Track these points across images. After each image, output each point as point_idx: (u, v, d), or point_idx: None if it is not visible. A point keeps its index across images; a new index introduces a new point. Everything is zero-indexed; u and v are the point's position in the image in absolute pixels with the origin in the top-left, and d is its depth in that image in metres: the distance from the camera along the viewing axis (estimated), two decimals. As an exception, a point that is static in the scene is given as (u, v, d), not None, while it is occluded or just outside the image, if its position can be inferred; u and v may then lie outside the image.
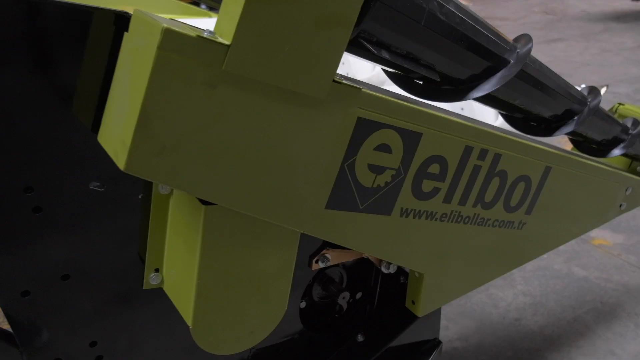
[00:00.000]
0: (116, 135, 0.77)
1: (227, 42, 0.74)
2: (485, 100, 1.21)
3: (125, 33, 0.79)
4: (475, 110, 1.95)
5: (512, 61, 1.13)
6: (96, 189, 0.89)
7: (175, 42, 0.70)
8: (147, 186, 0.93)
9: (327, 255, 1.22)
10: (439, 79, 1.04)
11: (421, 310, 1.29)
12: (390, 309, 1.41)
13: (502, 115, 1.38)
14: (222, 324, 0.95)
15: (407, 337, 1.41)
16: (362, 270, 1.38)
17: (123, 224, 0.95)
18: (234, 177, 0.83)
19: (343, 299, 1.33)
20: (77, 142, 0.85)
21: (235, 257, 0.92)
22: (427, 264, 1.23)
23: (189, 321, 0.92)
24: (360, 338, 1.40)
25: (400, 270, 1.44)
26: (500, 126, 1.43)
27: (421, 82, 1.14)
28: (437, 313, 1.46)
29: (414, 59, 1.01)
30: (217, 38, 0.74)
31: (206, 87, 0.75)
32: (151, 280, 0.99)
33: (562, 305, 2.30)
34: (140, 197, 0.94)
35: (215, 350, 0.97)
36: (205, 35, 0.73)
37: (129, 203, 0.93)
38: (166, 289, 1.00)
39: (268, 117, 0.82)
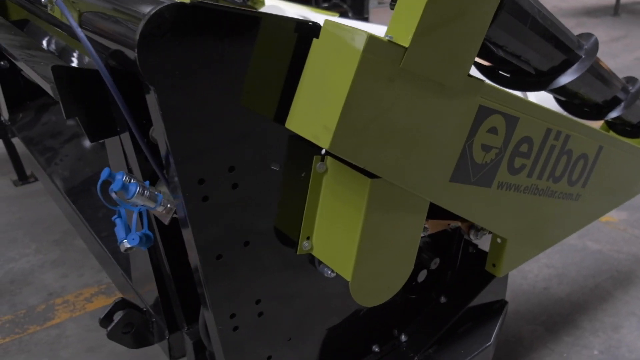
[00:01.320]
0: (315, 121, 0.95)
1: (406, 45, 0.93)
2: (557, 89, 1.42)
3: (315, 39, 0.97)
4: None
5: (583, 56, 1.34)
6: (274, 168, 1.07)
7: (374, 46, 0.89)
8: (308, 166, 1.11)
9: (426, 226, 1.42)
10: (534, 72, 1.25)
11: (501, 271, 1.50)
12: (468, 274, 1.62)
13: (559, 101, 1.60)
14: (372, 279, 1.14)
15: (482, 297, 1.62)
16: (446, 239, 1.58)
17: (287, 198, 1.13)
18: (395, 155, 1.02)
19: (434, 264, 1.53)
20: (262, 129, 1.03)
21: (384, 222, 1.11)
22: (511, 231, 1.44)
23: (348, 277, 1.11)
24: (443, 299, 1.60)
25: (469, 242, 1.65)
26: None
27: (508, 75, 1.35)
28: (504, 277, 1.68)
29: (516, 55, 1.21)
30: (396, 42, 0.93)
31: (387, 81, 0.94)
32: (303, 247, 1.17)
33: (583, 275, 2.55)
34: (303, 175, 1.12)
35: (364, 302, 1.16)
36: (388, 39, 0.92)
37: (294, 181, 1.11)
38: (316, 253, 1.18)
39: (422, 104, 1.01)
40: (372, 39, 0.88)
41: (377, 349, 1.50)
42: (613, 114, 1.58)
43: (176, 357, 1.46)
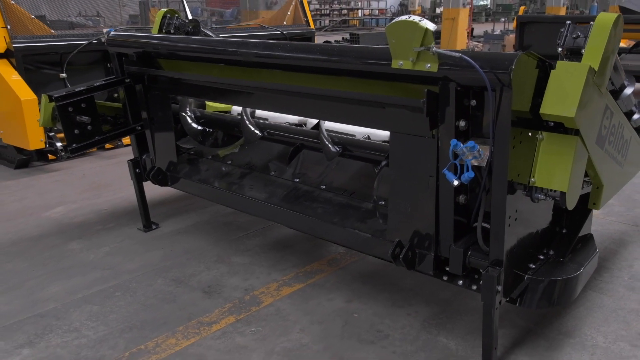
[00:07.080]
0: (562, 107, 2.04)
1: (596, 69, 2.08)
2: (613, 102, 2.63)
3: (553, 70, 2.08)
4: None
5: (626, 84, 2.58)
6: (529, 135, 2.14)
7: (589, 71, 2.03)
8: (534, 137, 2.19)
9: (564, 179, 2.52)
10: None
11: (599, 206, 2.64)
12: (573, 216, 2.73)
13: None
14: (572, 192, 2.21)
15: (584, 229, 2.73)
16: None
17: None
18: (586, 123, 2.14)
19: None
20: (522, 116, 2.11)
21: (576, 160, 2.20)
22: (606, 179, 2.59)
23: (565, 189, 2.16)
24: (564, 231, 2.69)
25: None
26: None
27: (596, 94, 2.55)
28: (590, 219, 2.80)
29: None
30: (593, 67, 2.07)
31: (589, 87, 2.08)
32: (531, 181, 2.22)
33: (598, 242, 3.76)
34: (536, 140, 2.18)
35: (570, 205, 2.22)
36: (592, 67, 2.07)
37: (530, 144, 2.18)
38: (538, 183, 2.22)
39: (594, 100, 2.16)
40: (590, 67, 2.02)
41: (541, 257, 2.54)
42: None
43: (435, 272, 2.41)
